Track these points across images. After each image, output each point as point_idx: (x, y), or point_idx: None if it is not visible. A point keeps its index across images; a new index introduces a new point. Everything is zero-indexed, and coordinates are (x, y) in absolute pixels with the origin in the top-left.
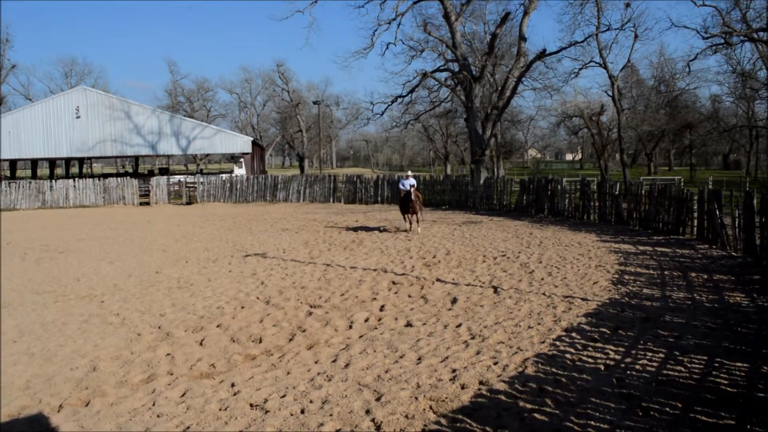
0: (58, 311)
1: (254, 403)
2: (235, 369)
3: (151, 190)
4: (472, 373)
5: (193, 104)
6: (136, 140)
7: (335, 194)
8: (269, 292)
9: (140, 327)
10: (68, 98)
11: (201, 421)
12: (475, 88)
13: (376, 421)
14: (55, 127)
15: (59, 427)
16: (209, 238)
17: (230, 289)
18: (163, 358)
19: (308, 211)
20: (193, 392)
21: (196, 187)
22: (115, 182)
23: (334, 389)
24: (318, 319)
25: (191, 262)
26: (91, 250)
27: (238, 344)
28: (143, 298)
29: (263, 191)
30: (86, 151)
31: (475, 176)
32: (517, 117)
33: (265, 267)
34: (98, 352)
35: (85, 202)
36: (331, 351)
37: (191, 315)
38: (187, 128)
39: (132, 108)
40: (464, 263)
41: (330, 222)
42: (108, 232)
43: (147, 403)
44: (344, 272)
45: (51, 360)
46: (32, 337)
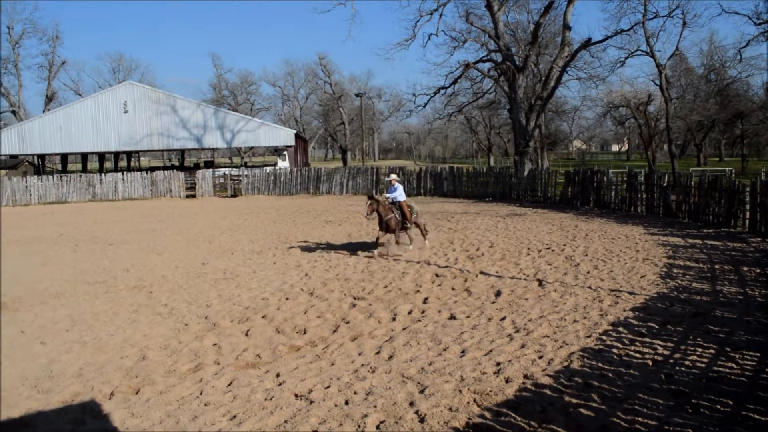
0: (108, 301)
1: (299, 393)
2: (280, 359)
3: (196, 183)
4: (517, 366)
5: (237, 98)
6: (182, 134)
7: (378, 186)
8: (313, 283)
9: (188, 317)
10: (116, 93)
11: (247, 411)
12: (518, 79)
13: (419, 413)
14: (103, 122)
15: (111, 414)
16: (254, 230)
17: (275, 281)
18: (210, 348)
19: (351, 203)
20: (239, 382)
21: (241, 179)
22: (162, 175)
23: (377, 381)
24: (361, 311)
25: (236, 254)
26: (139, 242)
27: (283, 335)
28: (190, 289)
29: (306, 184)
30: (134, 145)
31: (518, 168)
32: (562, 107)
33: (309, 259)
34: (147, 341)
35: (134, 194)
36: (375, 343)
37: (237, 306)
38: (232, 121)
39: (178, 102)
40: (508, 256)
41: None
42: (156, 224)
43: (194, 392)
44: (387, 264)
45: (102, 349)
46: (84, 327)
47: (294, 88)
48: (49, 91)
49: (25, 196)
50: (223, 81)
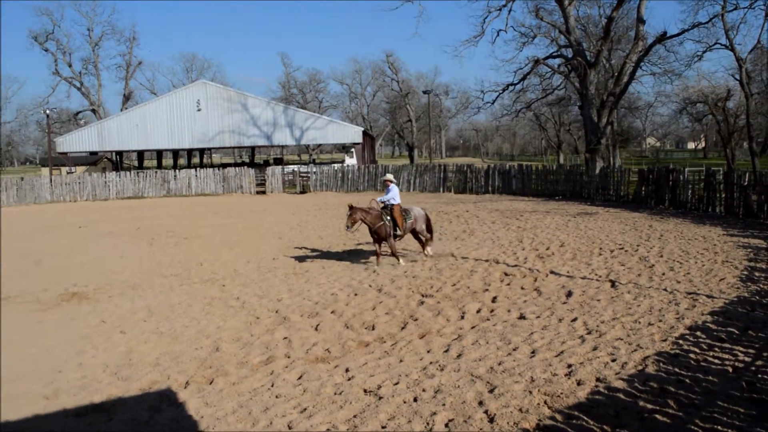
0: (183, 294)
1: (368, 388)
2: (349, 355)
3: (266, 180)
4: (589, 369)
5: (305, 96)
6: (253, 131)
7: (445, 184)
8: (381, 280)
9: (259, 311)
10: (190, 92)
11: (317, 404)
12: (589, 75)
13: (489, 412)
14: (178, 120)
15: (186, 403)
16: (322, 226)
17: (343, 277)
18: (281, 341)
19: (418, 200)
20: (309, 375)
21: (309, 176)
22: (233, 172)
23: (446, 379)
24: (430, 309)
25: (306, 249)
26: (212, 237)
27: (352, 330)
28: (261, 283)
29: (374, 181)
30: (206, 142)
31: (589, 166)
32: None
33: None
34: (220, 333)
35: (206, 190)
36: (443, 341)
37: (306, 301)
38: (300, 119)
39: (248, 100)
40: (579, 255)
41: (441, 211)
42: (227, 219)
43: (266, 384)
44: (455, 262)
45: (178, 339)
46: (160, 318)
47: (361, 85)
48: (126, 91)
49: (104, 191)
50: (292, 79)
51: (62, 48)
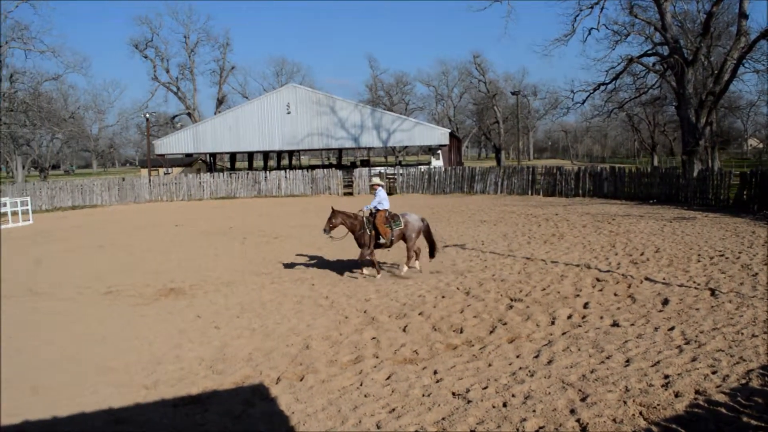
0: (274, 292)
1: (456, 391)
2: (437, 357)
3: (354, 181)
4: (687, 381)
5: (392, 98)
6: (340, 133)
7: (533, 186)
8: (469, 283)
9: (347, 310)
10: (280, 95)
11: (405, 405)
12: (687, 73)
13: (581, 421)
14: (268, 122)
15: (278, 398)
16: None
17: (430, 279)
18: (369, 341)
19: (506, 203)
20: (397, 376)
21: (396, 178)
22: (321, 173)
23: (536, 385)
24: (519, 313)
25: (392, 251)
26: (301, 236)
27: (440, 333)
28: (349, 283)
29: (460, 183)
30: (296, 144)
31: (687, 168)
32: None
33: (465, 258)
34: (310, 331)
35: (295, 191)
36: (533, 346)
37: (394, 302)
38: (387, 121)
39: (336, 103)
40: (676, 262)
41: (529, 214)
42: (316, 219)
43: (355, 383)
44: (545, 266)
45: (269, 336)
46: (252, 314)
47: (448, 87)
48: (219, 95)
49: (199, 191)
50: (379, 82)
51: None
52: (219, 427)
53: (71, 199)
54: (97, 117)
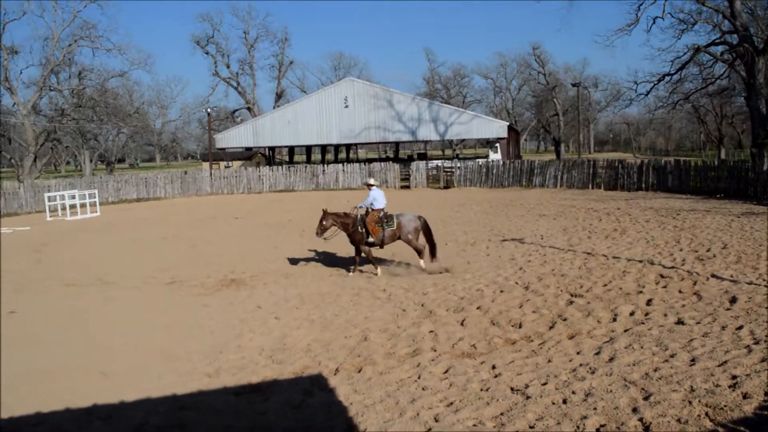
0: (332, 284)
1: (515, 387)
2: (495, 351)
3: (411, 175)
4: (757, 382)
5: (449, 91)
6: (398, 127)
7: (594, 180)
8: (528, 277)
9: (405, 303)
10: (337, 89)
11: (463, 399)
12: (758, 62)
13: (644, 421)
14: (326, 116)
15: (336, 389)
16: (467, 222)
17: (489, 273)
18: (427, 334)
19: (566, 197)
20: (455, 370)
21: (453, 171)
22: (378, 167)
23: (597, 383)
24: (579, 309)
25: (450, 245)
26: None
27: (498, 327)
28: (407, 276)
29: (519, 176)
30: (353, 138)
31: (756, 161)
32: None
33: (523, 252)
34: (368, 323)
35: (352, 185)
36: (594, 343)
37: (452, 295)
38: (445, 114)
39: (394, 96)
40: (744, 259)
41: (590, 209)
42: None
43: (413, 376)
44: (606, 262)
45: (328, 327)
46: (311, 306)
47: (506, 79)
48: (278, 89)
49: (258, 184)
50: (436, 75)
51: (221, 51)
52: (279, 415)
53: (136, 191)
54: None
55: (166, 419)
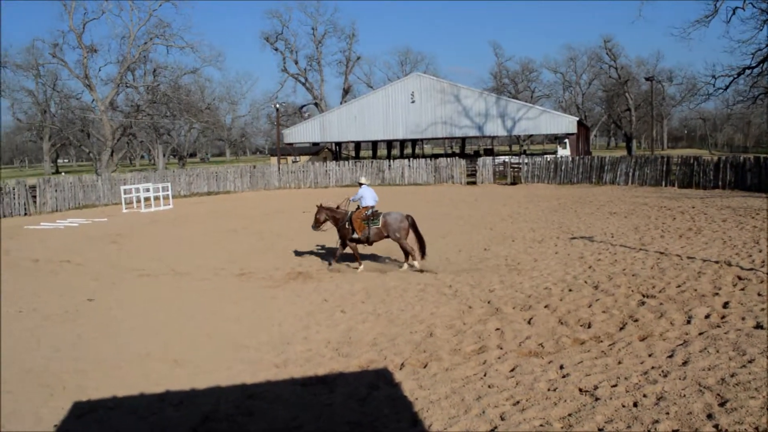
0: (398, 279)
1: (583, 388)
2: (563, 351)
3: (477, 170)
4: None
5: (517, 85)
6: (464, 122)
7: (668, 177)
8: (597, 276)
9: (471, 300)
10: (404, 84)
11: (530, 398)
12: None
13: (720, 427)
14: (392, 112)
15: (402, 384)
16: (534, 219)
17: (557, 271)
18: (493, 332)
19: (637, 194)
20: (522, 369)
21: (521, 167)
22: (444, 162)
23: (670, 386)
24: (651, 310)
25: (517, 242)
26: (424, 225)
27: (566, 327)
28: (473, 273)
29: (588, 173)
30: (419, 133)
31: None
32: None
33: (593, 251)
34: (434, 319)
35: (418, 180)
36: (667, 345)
37: (519, 293)
38: (513, 109)
39: (461, 91)
40: None
41: (663, 207)
42: (439, 208)
43: (478, 373)
44: (680, 262)
45: (393, 322)
46: (377, 300)
47: (576, 73)
48: (345, 85)
49: (325, 179)
50: (504, 69)
51: (290, 47)
52: (345, 408)
53: (207, 185)
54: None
55: (236, 407)
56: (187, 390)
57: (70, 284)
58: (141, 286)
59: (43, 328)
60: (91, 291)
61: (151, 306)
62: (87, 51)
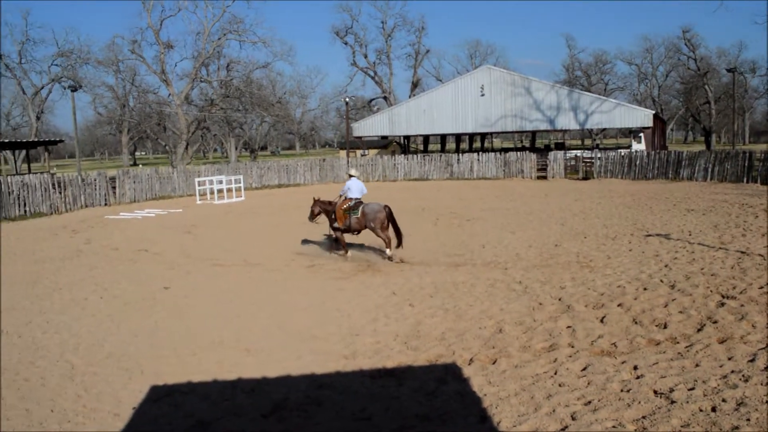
0: (466, 273)
1: (658, 390)
2: (637, 352)
3: (548, 165)
4: None
5: (590, 78)
6: (535, 115)
7: (750, 173)
8: (674, 275)
9: (541, 297)
10: (474, 78)
11: (602, 399)
12: None
13: None
14: (462, 105)
15: (470, 379)
16: (607, 215)
17: (631, 269)
18: (564, 329)
19: (716, 191)
20: (594, 368)
21: (593, 162)
22: (514, 156)
23: (751, 392)
24: (731, 311)
25: (589, 238)
26: (494, 220)
27: (641, 326)
28: (543, 269)
29: (664, 168)
30: (489, 127)
31: None
32: None
33: (669, 249)
34: (503, 315)
35: (487, 174)
36: (748, 349)
37: (591, 291)
38: (585, 102)
39: (532, 84)
40: None
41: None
42: (508, 203)
43: (549, 371)
44: (763, 262)
45: (462, 317)
46: (445, 294)
47: (652, 65)
48: (414, 78)
49: (393, 172)
50: (576, 61)
51: (359, 41)
52: (413, 401)
53: (278, 177)
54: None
55: (305, 397)
56: (258, 378)
57: (147, 272)
58: (214, 276)
59: (123, 314)
60: (168, 279)
61: (224, 295)
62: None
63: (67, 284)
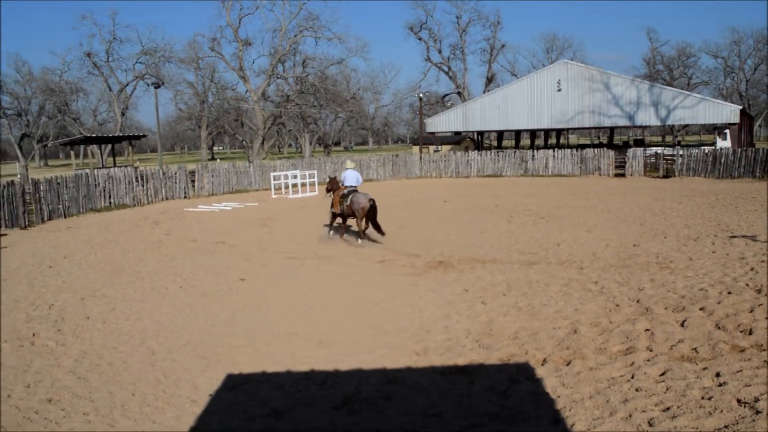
0: (540, 272)
1: (742, 399)
2: (720, 358)
3: (626, 162)
4: None
5: (672, 72)
6: (614, 111)
7: None
8: (761, 279)
9: (618, 298)
10: (550, 72)
11: (682, 405)
12: None
13: None
14: (537, 100)
15: (543, 380)
16: (689, 215)
17: (714, 272)
18: (642, 332)
19: None
20: (673, 373)
21: (674, 159)
22: (591, 153)
23: None
24: None
25: (670, 238)
26: (569, 218)
27: (724, 332)
28: (621, 270)
29: (751, 166)
30: (565, 123)
31: None
32: None
33: (755, 251)
34: (578, 316)
35: (563, 171)
36: None
37: (671, 293)
38: (667, 98)
39: (611, 79)
40: None
41: None
42: (585, 201)
43: (625, 375)
44: None
45: (535, 316)
46: (519, 293)
47: (740, 58)
48: (489, 73)
49: (466, 168)
50: (658, 55)
51: (434, 36)
52: (484, 399)
53: None
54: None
55: (376, 390)
56: (330, 370)
57: (224, 264)
58: (288, 268)
59: (201, 304)
60: (244, 271)
61: (298, 287)
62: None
63: (148, 273)
